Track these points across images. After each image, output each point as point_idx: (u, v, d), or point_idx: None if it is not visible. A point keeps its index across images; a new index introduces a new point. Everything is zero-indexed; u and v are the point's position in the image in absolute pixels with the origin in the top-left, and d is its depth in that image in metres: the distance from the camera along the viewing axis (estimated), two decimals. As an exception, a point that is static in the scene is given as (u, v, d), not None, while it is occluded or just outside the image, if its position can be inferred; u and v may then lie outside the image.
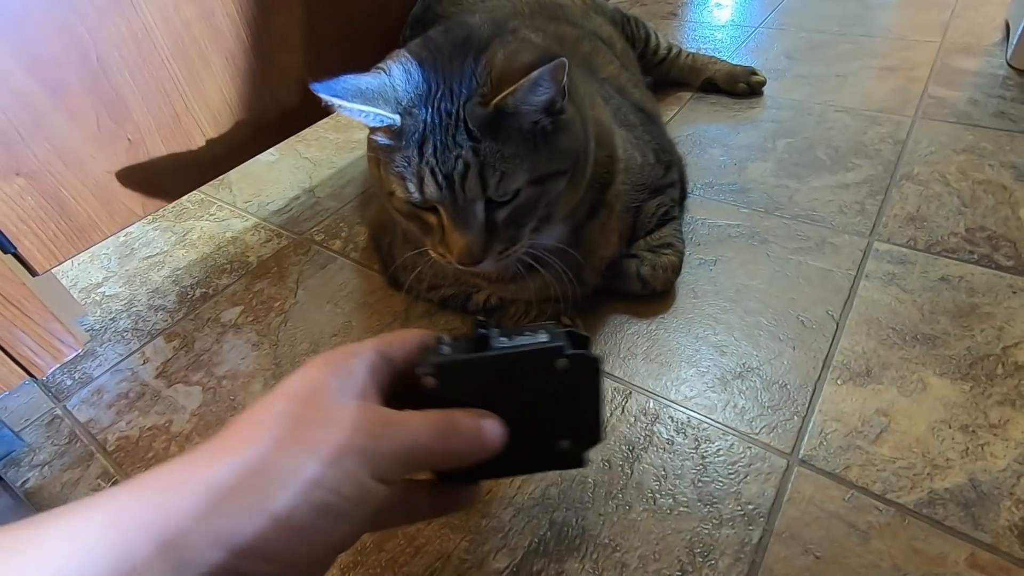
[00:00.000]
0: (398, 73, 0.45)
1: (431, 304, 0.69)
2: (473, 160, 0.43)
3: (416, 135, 0.44)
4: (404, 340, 0.32)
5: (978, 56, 1.03)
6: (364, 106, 0.43)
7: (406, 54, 0.47)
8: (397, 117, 0.44)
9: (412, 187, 0.45)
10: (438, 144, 0.43)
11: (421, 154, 0.44)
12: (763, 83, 1.02)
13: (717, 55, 1.07)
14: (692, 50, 1.07)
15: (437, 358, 0.31)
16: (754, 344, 0.60)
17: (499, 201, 0.45)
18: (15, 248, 0.62)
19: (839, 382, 0.55)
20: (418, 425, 0.28)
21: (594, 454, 0.52)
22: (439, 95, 0.44)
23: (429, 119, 0.44)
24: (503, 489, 0.51)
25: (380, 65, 0.47)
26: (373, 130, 0.46)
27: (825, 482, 0.48)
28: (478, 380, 0.31)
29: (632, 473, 0.50)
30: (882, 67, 1.04)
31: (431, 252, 0.50)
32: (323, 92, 0.43)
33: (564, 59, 0.41)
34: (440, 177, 0.44)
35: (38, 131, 0.61)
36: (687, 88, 1.06)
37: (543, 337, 0.32)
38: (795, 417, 0.53)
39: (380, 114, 0.44)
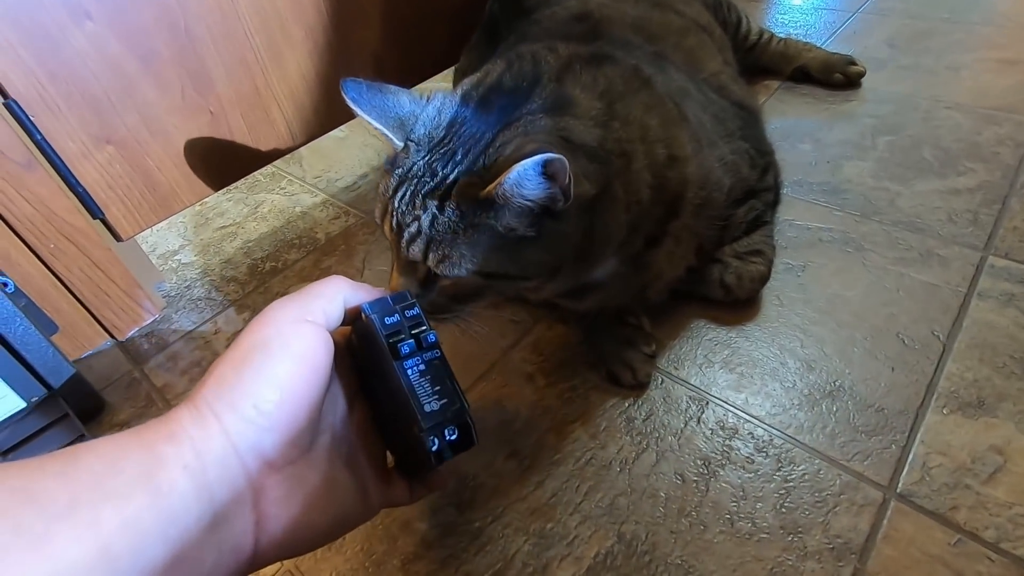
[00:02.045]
0: (432, 108, 0.45)
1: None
2: (427, 230, 0.41)
3: (399, 172, 0.43)
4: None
5: (1119, 50, 0.91)
6: (376, 122, 0.45)
7: (462, 91, 0.46)
8: (401, 144, 0.44)
9: (378, 213, 0.46)
10: (408, 195, 0.42)
11: (394, 192, 0.43)
12: (862, 74, 0.93)
13: (809, 41, 1.00)
14: (782, 35, 1.00)
15: (369, 325, 0.36)
16: (847, 361, 0.55)
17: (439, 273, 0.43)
18: (103, 214, 0.64)
19: (945, 411, 0.50)
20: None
21: (666, 467, 0.50)
22: (443, 151, 0.42)
23: (418, 166, 0.43)
24: (569, 494, 0.49)
25: (434, 91, 0.47)
26: None
27: (928, 522, 0.43)
28: (380, 364, 0.36)
29: (707, 490, 0.48)
30: (1001, 59, 0.94)
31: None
32: (348, 93, 0.45)
33: (563, 158, 0.36)
34: (395, 222, 0.43)
35: (128, 100, 0.62)
36: (775, 76, 0.98)
37: (431, 404, 0.35)
38: (893, 446, 0.48)
39: (388, 136, 0.45)
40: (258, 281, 0.77)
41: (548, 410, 0.55)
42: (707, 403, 0.54)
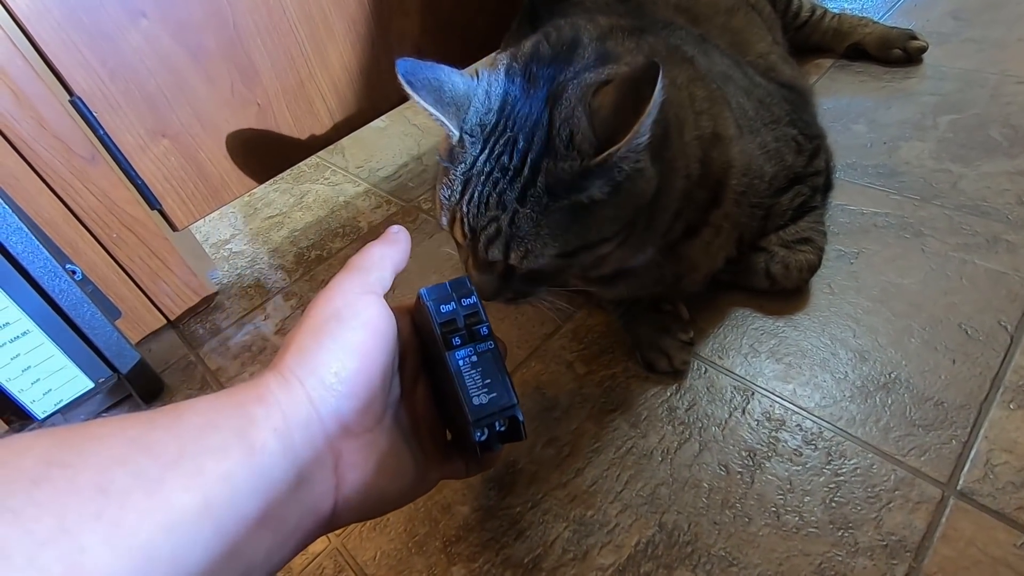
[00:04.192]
0: (482, 89, 0.43)
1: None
2: (507, 229, 0.40)
3: (463, 168, 0.42)
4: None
5: None
6: (433, 108, 0.42)
7: (504, 66, 0.44)
8: (456, 134, 0.43)
9: (444, 220, 0.45)
10: (477, 195, 0.41)
11: (461, 194, 0.42)
12: (923, 49, 0.88)
13: (865, 16, 0.94)
14: (836, 10, 0.95)
15: (425, 311, 0.37)
16: (903, 352, 0.53)
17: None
18: (160, 205, 0.67)
19: (1012, 406, 0.47)
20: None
21: (709, 457, 0.49)
22: (502, 141, 0.41)
23: (481, 162, 0.41)
24: (609, 482, 0.49)
25: (480, 69, 0.45)
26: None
27: (991, 522, 0.41)
28: (436, 352, 0.37)
29: (753, 482, 0.47)
30: (1082, 29, 0.87)
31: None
32: (403, 75, 0.42)
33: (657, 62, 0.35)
34: (467, 227, 0.42)
35: (181, 95, 0.65)
36: (828, 54, 0.94)
37: (480, 397, 0.35)
38: (953, 441, 0.46)
39: (445, 123, 0.43)
40: (304, 269, 0.79)
41: (588, 398, 0.55)
42: (753, 393, 0.52)
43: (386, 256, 0.37)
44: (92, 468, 0.23)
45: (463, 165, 0.42)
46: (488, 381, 0.35)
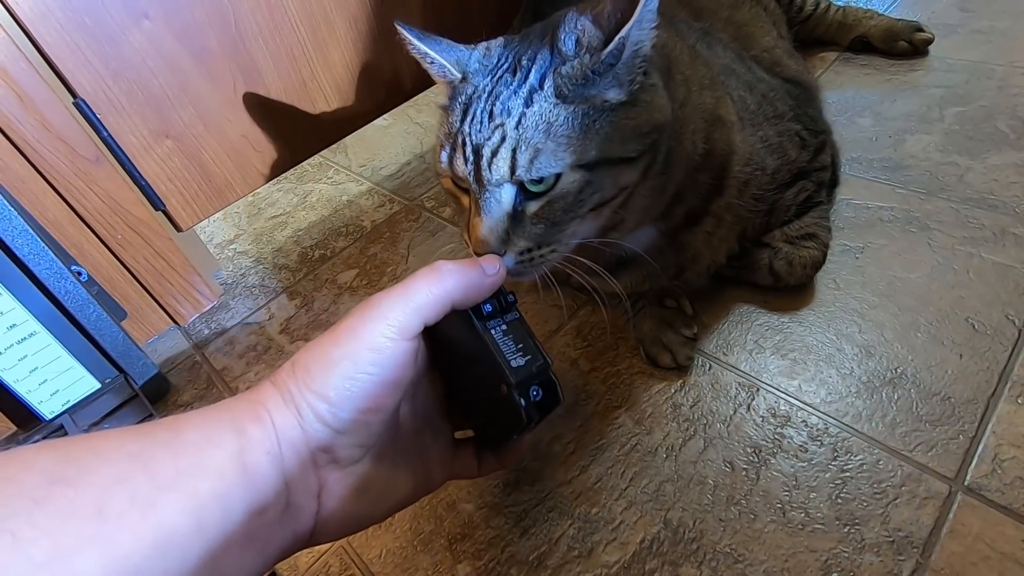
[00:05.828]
0: (481, 48, 0.45)
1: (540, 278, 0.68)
2: (512, 132, 0.38)
3: (464, 98, 0.42)
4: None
5: None
6: (431, 51, 0.43)
7: (502, 38, 0.45)
8: (458, 76, 0.43)
9: (444, 155, 0.42)
10: (479, 112, 0.40)
11: (463, 119, 0.41)
12: (929, 41, 0.87)
13: (870, 8, 0.94)
14: (840, 2, 0.94)
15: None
16: (909, 347, 0.52)
17: (532, 191, 0.39)
18: (164, 205, 0.68)
19: (1020, 401, 0.47)
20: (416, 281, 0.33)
21: (714, 454, 0.49)
22: (504, 67, 0.42)
23: (483, 85, 0.41)
24: (614, 479, 0.49)
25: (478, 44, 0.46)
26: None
27: (998, 517, 0.41)
28: (459, 332, 0.36)
29: (758, 479, 0.46)
30: (1090, 19, 0.86)
31: (463, 237, 0.45)
32: (407, 31, 0.44)
33: None
34: (470, 149, 0.40)
35: (184, 95, 0.65)
36: (833, 48, 0.93)
37: (517, 360, 0.35)
38: (961, 436, 0.46)
39: (443, 65, 0.43)
40: (308, 268, 0.79)
41: (592, 395, 0.55)
42: (757, 390, 0.52)
43: (451, 294, 0.33)
44: (93, 487, 0.23)
45: (463, 96, 0.42)
46: (521, 346, 0.36)
